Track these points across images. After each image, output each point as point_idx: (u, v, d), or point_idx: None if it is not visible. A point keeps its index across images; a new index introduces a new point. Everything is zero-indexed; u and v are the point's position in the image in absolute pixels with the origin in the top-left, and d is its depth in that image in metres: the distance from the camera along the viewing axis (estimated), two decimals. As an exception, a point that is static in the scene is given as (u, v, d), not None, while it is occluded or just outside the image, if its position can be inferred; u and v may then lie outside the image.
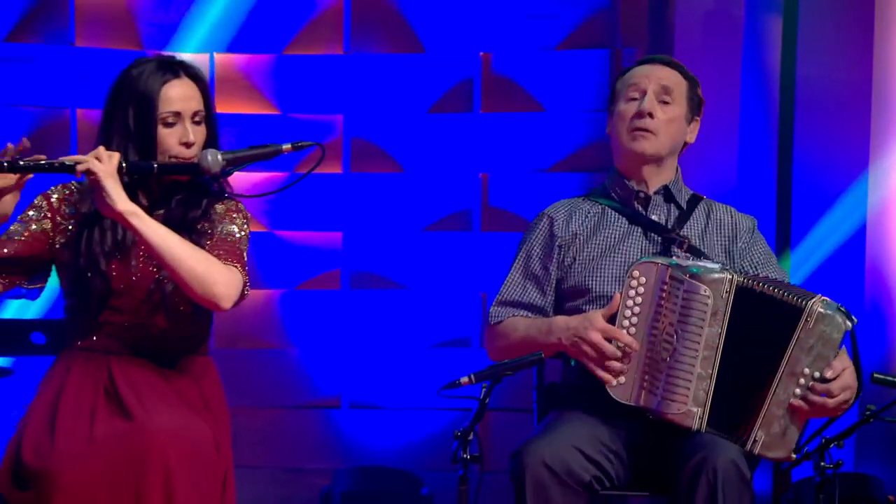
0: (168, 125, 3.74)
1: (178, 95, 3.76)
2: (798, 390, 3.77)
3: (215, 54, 6.01)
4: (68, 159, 3.63)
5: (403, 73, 6.27)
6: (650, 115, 4.03)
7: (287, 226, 5.01)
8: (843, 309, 3.81)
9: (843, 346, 3.80)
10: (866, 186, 5.73)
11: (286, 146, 3.78)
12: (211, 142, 3.82)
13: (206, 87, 3.86)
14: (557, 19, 6.17)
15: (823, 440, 3.82)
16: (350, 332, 6.27)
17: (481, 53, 6.26)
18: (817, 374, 3.77)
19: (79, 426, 3.67)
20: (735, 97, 5.75)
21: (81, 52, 6.14)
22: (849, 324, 3.80)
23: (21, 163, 3.54)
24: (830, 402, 3.74)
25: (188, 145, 3.73)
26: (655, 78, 4.08)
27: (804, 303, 3.78)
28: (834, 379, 3.76)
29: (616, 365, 3.85)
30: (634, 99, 4.05)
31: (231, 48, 6.18)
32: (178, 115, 3.75)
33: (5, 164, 3.51)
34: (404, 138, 6.27)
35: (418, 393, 6.23)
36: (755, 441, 3.79)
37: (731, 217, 4.19)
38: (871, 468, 5.45)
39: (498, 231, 6.21)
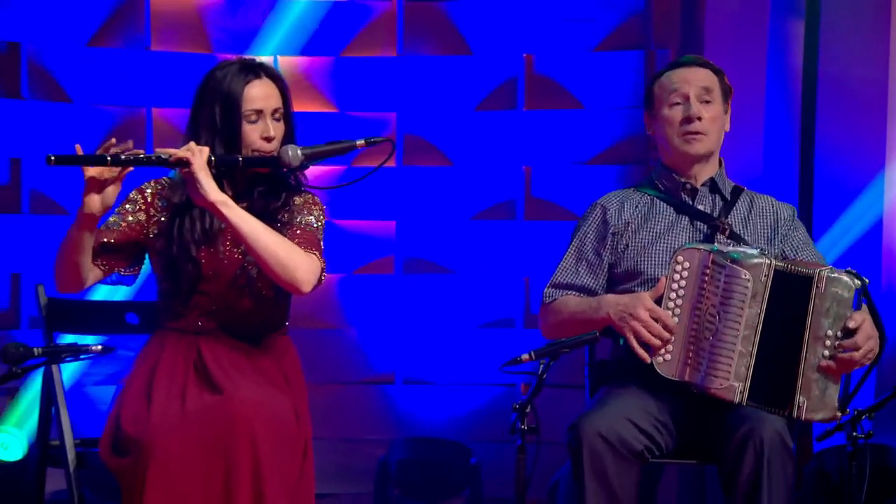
0: (251, 122, 3.84)
1: (260, 94, 3.85)
2: (826, 352, 3.82)
3: (279, 57, 6.07)
4: (163, 153, 3.73)
5: (452, 74, 6.30)
6: (699, 118, 4.06)
7: (345, 215, 5.16)
8: (851, 271, 3.86)
9: (864, 305, 3.84)
10: (883, 183, 5.74)
11: (360, 142, 3.94)
12: (289, 137, 3.93)
13: (284, 87, 3.93)
14: (595, 23, 6.21)
15: (856, 412, 3.86)
16: (403, 313, 6.30)
17: (524, 55, 6.27)
18: (840, 333, 3.81)
19: (172, 400, 3.81)
20: (760, 96, 5.78)
21: (156, 56, 6.20)
22: (857, 282, 3.84)
23: (123, 157, 3.67)
24: (857, 353, 3.79)
25: (269, 140, 3.85)
26: (695, 81, 4.12)
27: (813, 271, 3.83)
28: (856, 329, 3.79)
29: (657, 342, 3.88)
30: (678, 104, 4.10)
31: (293, 51, 6.20)
32: (259, 112, 3.83)
33: (109, 158, 3.63)
34: (453, 134, 6.32)
35: (466, 369, 6.28)
36: (799, 407, 3.83)
37: (772, 206, 4.22)
38: (890, 439, 5.46)
39: (540, 220, 6.26)
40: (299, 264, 3.78)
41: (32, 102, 6.11)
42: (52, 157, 3.66)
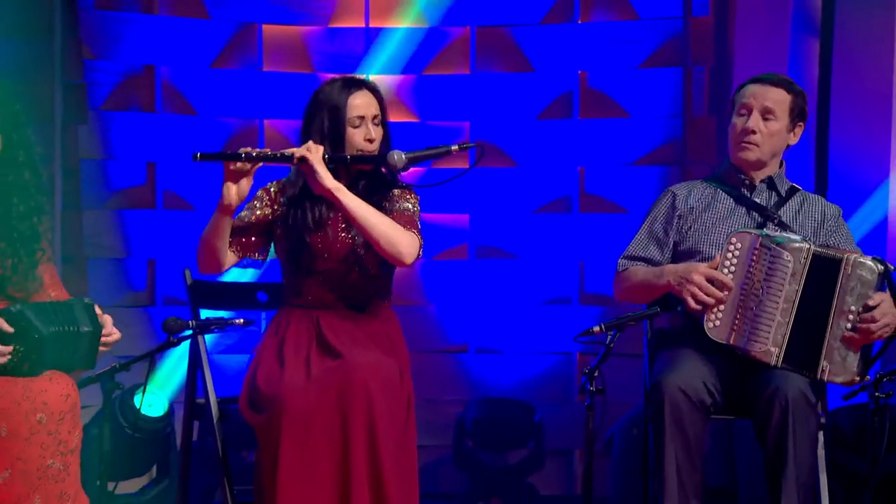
0: (354, 126, 3.96)
1: (361, 103, 3.99)
2: (849, 325, 3.87)
3: (370, 76, 5.92)
4: (287, 151, 3.90)
5: (517, 88, 6.30)
6: (753, 132, 4.11)
7: (427, 209, 5.35)
8: (877, 258, 3.93)
9: (886, 290, 3.90)
10: (888, 186, 5.77)
11: (454, 147, 4.03)
12: (386, 139, 4.03)
13: (381, 97, 4.06)
14: (639, 44, 6.20)
15: (878, 374, 3.92)
16: (475, 292, 6.31)
17: (579, 71, 6.25)
18: (861, 309, 3.86)
19: (299, 365, 3.91)
20: None
21: (267, 76, 6.26)
22: (881, 267, 3.89)
23: (255, 154, 3.82)
24: (874, 326, 3.86)
25: (371, 141, 3.97)
26: (761, 98, 4.14)
27: (843, 256, 3.88)
28: (876, 307, 3.85)
29: (710, 300, 3.94)
30: (743, 115, 4.15)
31: (382, 70, 6.19)
32: (361, 118, 3.97)
33: (243, 154, 3.80)
34: (518, 139, 6.32)
35: (530, 340, 6.27)
36: (822, 370, 3.89)
37: (822, 205, 4.26)
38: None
39: (592, 213, 6.25)
40: (402, 240, 3.90)
41: (165, 115, 6.18)
42: (199, 154, 3.85)
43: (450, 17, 6.35)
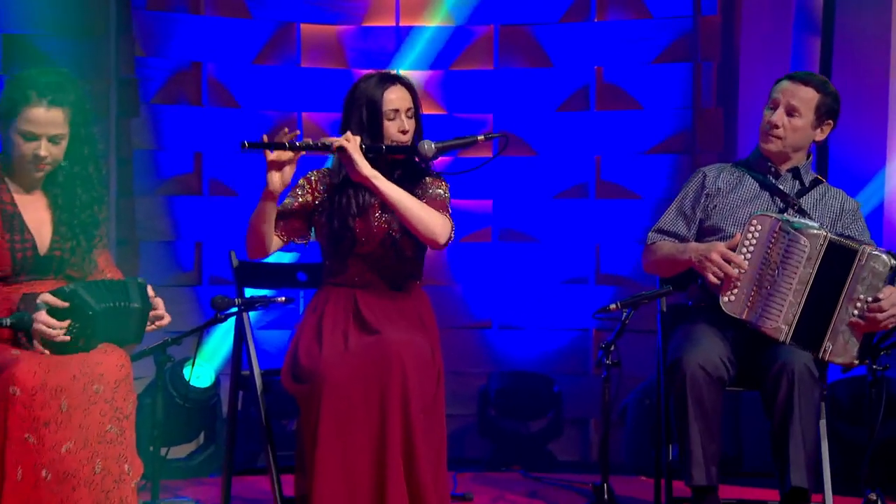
0: (389, 119, 3.97)
1: (396, 97, 4.00)
2: (856, 312, 3.88)
3: (401, 71, 5.90)
4: (327, 140, 3.93)
5: (537, 83, 6.29)
6: (776, 126, 4.12)
7: (453, 195, 5.38)
8: (892, 253, 3.92)
9: (892, 283, 3.90)
10: (884, 175, 5.76)
11: (480, 137, 4.06)
12: (419, 131, 4.04)
13: (414, 92, 4.07)
14: (652, 41, 6.20)
15: (856, 361, 3.95)
16: (498, 273, 6.31)
17: (595, 67, 6.25)
18: (870, 298, 3.87)
19: (337, 340, 3.93)
20: None
21: (305, 71, 6.26)
22: (894, 262, 3.89)
23: (297, 143, 3.84)
24: (880, 315, 3.86)
25: (404, 132, 3.99)
26: (790, 95, 4.15)
27: (859, 246, 3.88)
28: (884, 298, 3.85)
29: (724, 277, 3.95)
30: (772, 108, 4.15)
31: (412, 66, 6.19)
32: (396, 111, 3.98)
33: (287, 143, 3.83)
34: (538, 130, 6.31)
35: (549, 317, 6.27)
36: (825, 350, 3.90)
37: (842, 198, 4.25)
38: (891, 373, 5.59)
39: (608, 199, 6.24)
40: (436, 222, 3.93)
41: (210, 108, 6.19)
42: (246, 143, 3.85)
43: (475, 16, 6.35)
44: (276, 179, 3.89)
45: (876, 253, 3.92)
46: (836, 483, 4.16)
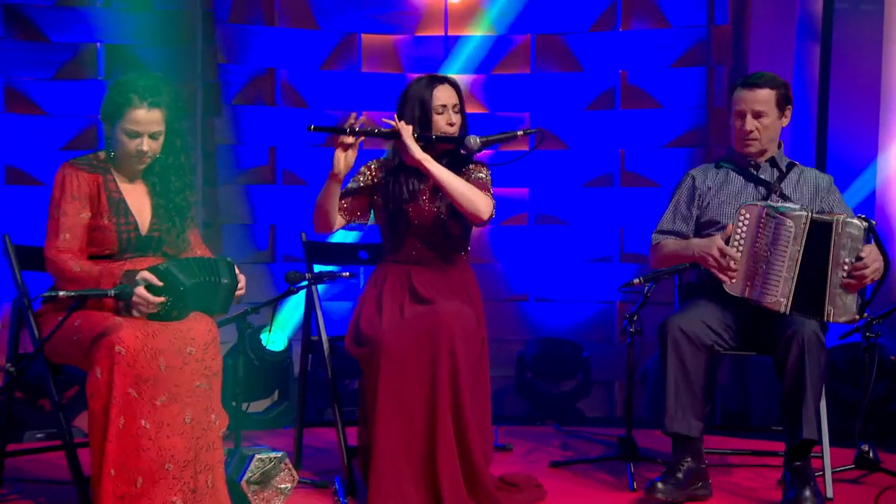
0: (438, 113, 4.00)
1: (443, 94, 4.04)
2: (845, 274, 3.86)
3: (449, 75, 6.07)
4: (384, 128, 3.95)
5: (569, 85, 6.28)
6: (750, 131, 4.09)
7: (494, 184, 5.40)
8: (861, 216, 3.91)
9: (871, 242, 3.89)
10: (875, 166, 5.75)
11: (519, 132, 4.06)
12: (464, 125, 4.05)
13: (459, 90, 4.09)
14: (670, 47, 6.18)
15: (869, 318, 3.96)
16: (534, 252, 6.31)
17: (620, 71, 6.24)
18: (854, 259, 3.85)
19: (394, 310, 3.95)
20: None
21: (365, 76, 6.26)
22: (864, 223, 3.87)
23: (358, 129, 3.86)
24: (867, 272, 3.84)
25: (451, 125, 4.02)
26: (751, 102, 4.12)
27: (833, 219, 3.86)
28: (865, 257, 3.84)
29: (725, 266, 3.95)
30: (740, 117, 4.13)
31: (459, 71, 6.19)
32: (444, 107, 4.01)
33: (347, 129, 3.85)
34: (569, 127, 6.29)
35: (579, 291, 6.28)
36: (828, 313, 3.87)
37: (816, 176, 4.22)
38: (887, 341, 5.37)
39: (631, 187, 6.24)
40: (479, 199, 3.94)
41: (283, 108, 6.20)
42: (312, 126, 3.87)
43: (514, 26, 6.34)
44: (340, 161, 3.91)
45: (849, 220, 3.91)
46: (832, 436, 4.16)
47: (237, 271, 3.70)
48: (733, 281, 3.98)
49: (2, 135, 5.87)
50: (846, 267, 3.89)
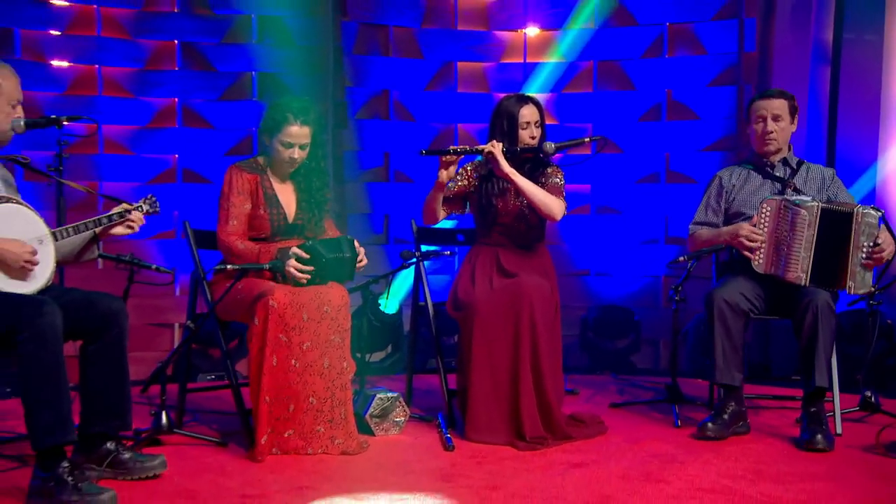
0: (523, 129, 3.95)
1: (528, 112, 3.99)
2: (864, 255, 3.79)
3: (528, 94, 6.08)
4: (479, 147, 3.87)
5: (624, 101, 6.22)
6: (771, 132, 4.06)
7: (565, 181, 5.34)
8: (874, 207, 3.84)
9: (882, 226, 3.83)
10: (875, 167, 5.65)
11: (586, 139, 4.00)
12: (543, 136, 4.00)
13: (541, 108, 4.05)
14: (707, 70, 6.09)
15: (873, 289, 3.87)
16: (595, 236, 6.27)
17: (666, 89, 6.17)
18: (872, 243, 3.79)
19: (485, 282, 3.98)
20: (804, 112, 5.62)
21: (460, 95, 6.24)
22: (879, 212, 3.81)
23: (458, 149, 3.82)
24: (884, 254, 3.78)
25: (533, 138, 3.96)
26: (770, 108, 4.09)
27: (854, 208, 3.80)
28: (881, 240, 3.79)
29: (755, 246, 3.91)
30: (759, 122, 4.09)
31: (536, 91, 6.15)
32: (528, 123, 3.97)
33: (450, 150, 3.82)
34: (624, 135, 6.23)
35: (632, 267, 6.22)
36: (849, 287, 3.81)
37: (821, 170, 4.15)
38: (886, 309, 5.33)
39: (674, 183, 6.17)
40: (553, 205, 3.94)
41: (395, 122, 6.21)
42: (423, 151, 3.86)
43: (580, 55, 6.27)
44: (443, 174, 3.92)
45: (866, 210, 3.84)
46: (841, 385, 4.12)
47: (357, 245, 3.74)
48: (760, 262, 3.93)
49: (180, 144, 5.99)
50: (865, 249, 3.83)
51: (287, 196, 3.85)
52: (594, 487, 3.17)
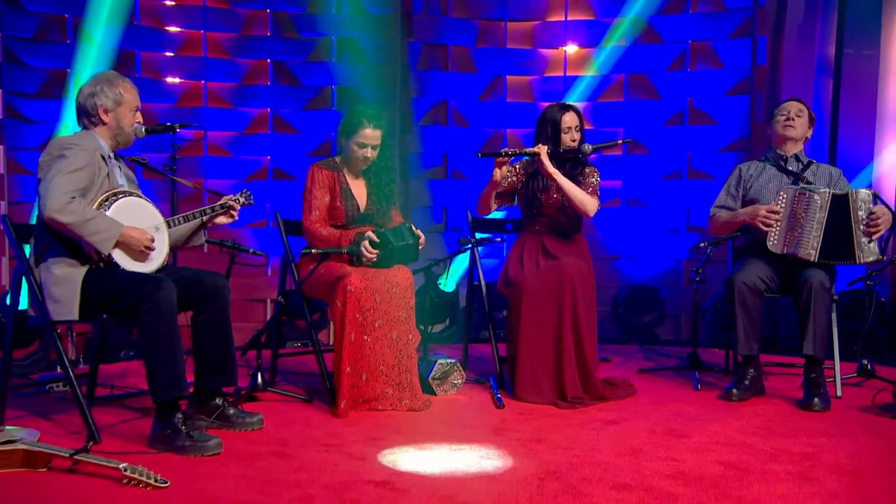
0: (565, 133, 3.89)
1: (569, 119, 3.93)
2: (864, 227, 3.72)
3: (569, 103, 6.05)
4: (528, 150, 3.83)
5: (651, 109, 6.17)
6: (792, 119, 3.99)
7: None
8: (868, 188, 3.76)
9: (878, 204, 3.76)
10: (872, 167, 5.58)
11: (619, 141, 3.95)
12: (582, 139, 3.93)
13: (581, 115, 3.98)
14: (724, 81, 6.02)
15: (869, 271, 3.82)
16: (625, 225, 6.22)
17: (688, 98, 6.11)
18: (868, 216, 3.72)
19: (532, 263, 3.95)
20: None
21: (509, 104, 6.24)
22: (871, 190, 3.74)
23: (510, 151, 3.77)
24: (880, 222, 3.69)
25: (574, 141, 3.89)
26: (794, 107, 4.03)
27: (850, 192, 3.72)
28: (877, 211, 3.72)
29: (771, 221, 3.83)
30: (783, 114, 4.02)
31: (575, 100, 6.13)
32: (569, 128, 3.90)
33: (503, 152, 3.77)
34: (651, 138, 6.18)
35: (657, 252, 6.17)
36: (858, 256, 3.72)
37: (829, 169, 4.06)
38: (881, 288, 5.33)
39: (695, 180, 6.10)
40: (588, 203, 3.89)
41: (453, 127, 6.20)
42: (480, 153, 3.79)
43: (613, 69, 6.24)
44: (497, 174, 3.88)
45: (860, 190, 3.78)
46: (841, 354, 4.05)
47: (415, 228, 3.72)
48: (775, 242, 3.87)
49: (271, 147, 6.06)
50: (864, 222, 3.76)
51: (360, 190, 3.84)
52: (625, 440, 3.17)
